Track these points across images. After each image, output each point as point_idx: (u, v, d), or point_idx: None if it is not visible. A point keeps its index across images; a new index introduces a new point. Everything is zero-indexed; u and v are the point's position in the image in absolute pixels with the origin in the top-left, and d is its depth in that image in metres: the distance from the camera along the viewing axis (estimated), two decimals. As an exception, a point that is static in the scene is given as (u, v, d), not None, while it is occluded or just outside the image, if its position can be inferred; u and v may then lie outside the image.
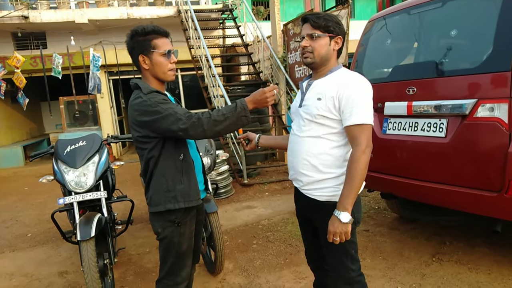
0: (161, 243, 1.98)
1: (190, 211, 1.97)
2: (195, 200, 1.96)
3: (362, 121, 1.70)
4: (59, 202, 2.87)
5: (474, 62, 2.72)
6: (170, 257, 1.97)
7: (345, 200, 1.69)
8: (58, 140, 3.18)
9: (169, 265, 1.98)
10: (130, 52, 1.89)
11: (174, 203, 1.88)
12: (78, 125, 10.51)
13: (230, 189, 5.76)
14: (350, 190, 1.68)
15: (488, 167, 2.54)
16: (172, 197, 1.88)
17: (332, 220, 1.71)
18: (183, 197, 1.90)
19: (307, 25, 1.82)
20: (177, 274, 2.00)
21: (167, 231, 1.93)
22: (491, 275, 2.84)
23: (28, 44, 10.13)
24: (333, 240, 1.72)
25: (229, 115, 1.79)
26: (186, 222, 1.96)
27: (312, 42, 1.80)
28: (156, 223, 1.95)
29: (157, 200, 1.90)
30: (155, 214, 1.93)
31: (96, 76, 9.09)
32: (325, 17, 1.79)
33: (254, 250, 3.67)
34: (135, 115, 1.83)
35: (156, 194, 1.90)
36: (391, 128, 3.20)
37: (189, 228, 1.99)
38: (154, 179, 1.90)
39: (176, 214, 1.91)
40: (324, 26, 1.78)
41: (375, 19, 3.58)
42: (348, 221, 1.68)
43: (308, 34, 1.81)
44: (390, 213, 4.27)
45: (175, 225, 1.92)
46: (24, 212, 5.73)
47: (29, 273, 3.54)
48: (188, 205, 1.92)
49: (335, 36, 1.80)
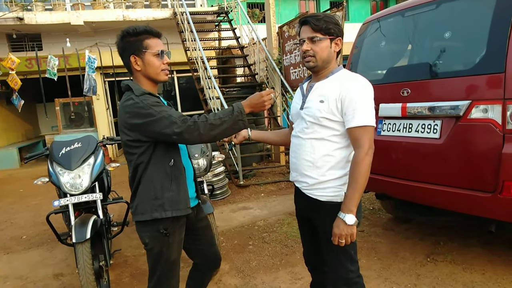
0: (149, 253, 1.90)
1: (179, 220, 1.88)
2: (184, 209, 1.86)
3: (364, 123, 1.70)
4: (54, 204, 2.86)
5: (468, 64, 2.74)
6: (158, 268, 1.90)
7: (350, 202, 1.69)
8: (53, 142, 3.18)
9: (158, 276, 1.91)
10: (121, 54, 1.83)
11: (161, 212, 1.79)
12: (74, 126, 10.48)
13: (226, 190, 5.76)
14: (354, 192, 1.69)
15: (482, 168, 2.56)
16: (159, 205, 1.79)
17: (337, 223, 1.71)
18: (171, 206, 1.81)
19: (307, 28, 1.79)
20: (166, 284, 1.93)
21: (155, 241, 1.85)
22: (485, 275, 2.86)
23: (23, 46, 10.07)
24: (338, 243, 1.71)
25: (226, 119, 1.74)
26: (175, 231, 1.87)
27: (313, 46, 1.78)
28: (143, 233, 1.86)
29: (143, 208, 1.81)
30: (141, 223, 1.84)
31: (91, 78, 9.05)
32: (325, 19, 1.76)
33: (250, 251, 3.68)
34: (126, 118, 1.75)
35: (143, 202, 1.81)
36: (385, 129, 3.22)
37: (178, 237, 1.91)
38: (142, 185, 1.81)
39: (164, 223, 1.82)
40: (325, 29, 1.76)
41: (370, 21, 3.60)
42: (353, 223, 1.68)
43: (309, 38, 1.78)
44: (384, 214, 4.29)
45: (163, 235, 1.82)
46: (19, 214, 5.70)
47: (24, 275, 3.52)
48: (176, 214, 1.82)
49: (335, 38, 1.80)
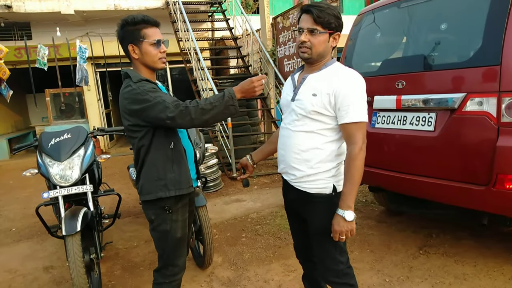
0: (155, 231, 2.00)
1: (181, 199, 2.00)
2: (186, 188, 1.98)
3: (358, 119, 1.69)
4: (44, 196, 2.80)
5: (463, 56, 2.73)
6: (165, 246, 2.00)
7: (348, 198, 1.69)
8: (43, 132, 3.11)
9: (166, 254, 2.02)
10: (120, 42, 1.91)
11: (165, 191, 1.91)
12: (64, 117, 10.35)
13: (219, 183, 5.73)
14: (351, 188, 1.69)
15: (476, 161, 2.56)
16: (163, 185, 1.91)
17: (337, 219, 1.71)
18: (174, 185, 1.92)
19: (309, 18, 1.73)
20: (174, 263, 2.03)
21: (160, 218, 1.96)
22: (477, 267, 2.88)
23: (12, 35, 9.87)
24: (339, 239, 1.72)
25: (217, 103, 1.79)
26: (178, 209, 1.99)
27: (312, 38, 1.73)
28: (149, 210, 1.98)
29: (148, 189, 1.92)
30: (147, 202, 1.96)
31: (83, 68, 8.92)
32: (327, 11, 1.71)
33: (243, 243, 3.66)
34: (125, 104, 1.84)
35: (147, 183, 1.93)
36: (380, 122, 3.21)
37: (181, 216, 2.02)
38: (145, 167, 1.93)
39: (167, 202, 1.94)
40: (326, 23, 1.71)
41: (364, 13, 3.56)
42: (353, 219, 1.69)
43: (308, 29, 1.73)
44: (377, 206, 4.30)
45: (167, 212, 1.95)
46: (8, 206, 5.62)
47: (13, 268, 3.47)
48: (179, 193, 1.94)
49: (334, 32, 1.75)
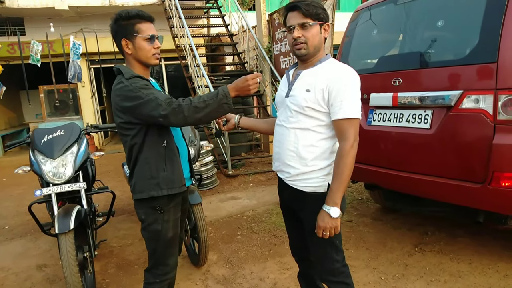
0: (146, 231, 1.97)
1: (173, 198, 1.96)
2: (179, 187, 1.94)
3: (351, 115, 1.67)
4: (36, 194, 2.77)
5: (460, 54, 2.71)
6: (156, 246, 1.97)
7: (335, 195, 1.67)
8: (35, 129, 3.06)
9: (156, 254, 1.98)
10: (114, 36, 1.87)
11: (158, 190, 1.87)
12: (58, 114, 10.25)
13: (214, 180, 5.71)
14: (339, 185, 1.67)
15: (472, 159, 2.55)
16: (155, 184, 1.87)
17: (322, 215, 1.69)
18: (167, 184, 1.89)
19: (297, 14, 1.71)
20: (165, 263, 2.00)
21: (150, 218, 1.93)
22: (472, 265, 2.88)
23: (5, 30, 9.75)
24: (322, 235, 1.70)
25: (210, 102, 1.75)
26: (169, 209, 1.95)
27: (305, 32, 1.71)
28: (140, 209, 1.95)
29: (141, 187, 1.89)
30: (139, 201, 1.93)
31: (76, 64, 8.83)
32: (313, 4, 1.70)
33: (238, 241, 3.65)
34: (117, 101, 1.80)
35: (140, 181, 1.89)
36: (376, 119, 3.19)
37: (173, 215, 1.99)
38: (138, 166, 1.89)
39: (159, 201, 1.90)
40: (315, 14, 1.70)
41: (361, 10, 3.54)
42: (338, 215, 1.67)
43: (299, 24, 1.71)
44: (373, 204, 4.30)
45: (158, 212, 1.91)
46: (1, 204, 5.57)
47: (6, 266, 3.44)
48: (171, 192, 1.91)
49: (324, 23, 1.74)
